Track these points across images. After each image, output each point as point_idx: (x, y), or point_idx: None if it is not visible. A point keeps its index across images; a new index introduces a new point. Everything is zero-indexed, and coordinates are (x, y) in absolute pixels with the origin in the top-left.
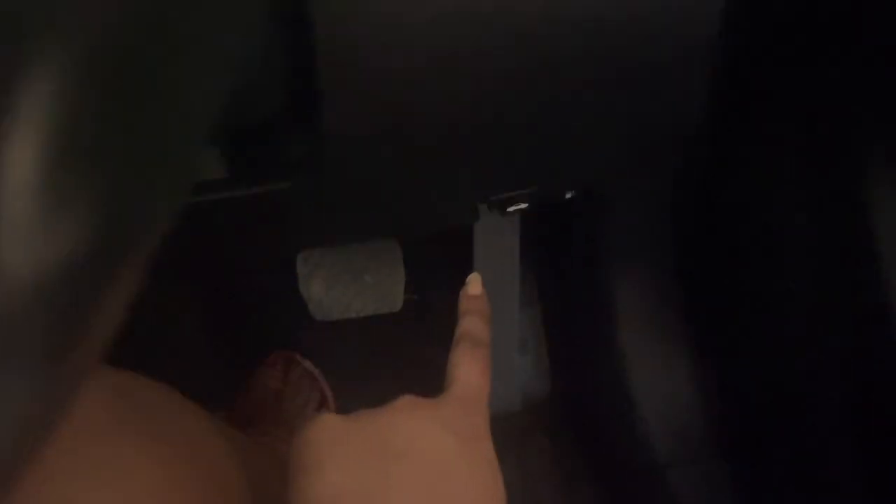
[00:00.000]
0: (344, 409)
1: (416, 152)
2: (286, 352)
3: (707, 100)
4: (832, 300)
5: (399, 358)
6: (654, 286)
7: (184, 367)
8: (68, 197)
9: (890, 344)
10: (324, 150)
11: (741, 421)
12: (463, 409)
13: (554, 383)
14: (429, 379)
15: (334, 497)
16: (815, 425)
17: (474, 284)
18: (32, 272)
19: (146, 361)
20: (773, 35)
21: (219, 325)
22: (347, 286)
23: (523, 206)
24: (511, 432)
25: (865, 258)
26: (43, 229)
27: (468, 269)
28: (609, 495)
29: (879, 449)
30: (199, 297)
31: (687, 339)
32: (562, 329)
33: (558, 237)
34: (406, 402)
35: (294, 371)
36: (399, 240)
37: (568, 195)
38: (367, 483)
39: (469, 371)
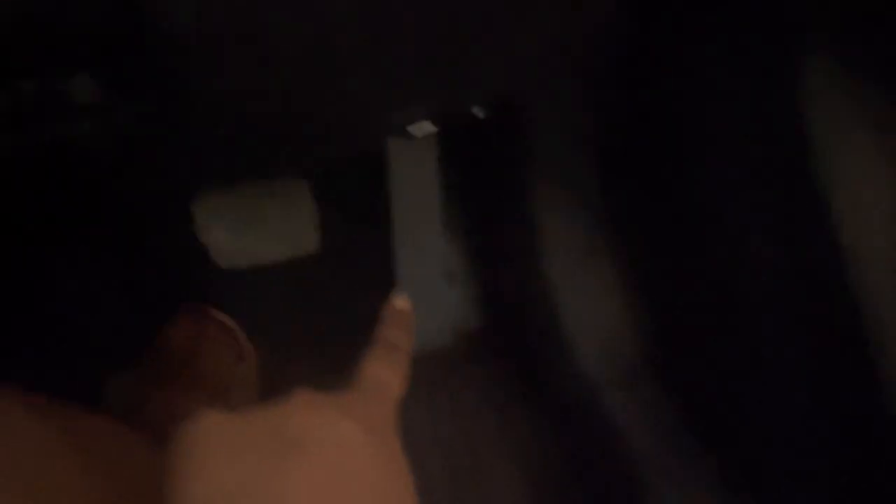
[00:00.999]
0: (266, 362)
1: (299, 66)
2: (197, 306)
3: None
4: (768, 211)
5: (321, 303)
6: (581, 209)
7: (86, 327)
8: None
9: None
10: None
11: (674, 341)
12: (365, 401)
13: (484, 314)
14: (351, 326)
15: (214, 501)
16: (751, 339)
17: (401, 301)
18: None
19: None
20: None
21: (120, 282)
22: (252, 231)
23: (431, 129)
24: (442, 366)
25: (801, 154)
26: None
27: (386, 202)
28: (544, 423)
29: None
30: (98, 252)
31: (616, 261)
32: (490, 259)
33: (480, 164)
34: (302, 394)
35: (207, 326)
36: (306, 177)
37: (477, 112)
38: (257, 480)
39: (379, 368)
